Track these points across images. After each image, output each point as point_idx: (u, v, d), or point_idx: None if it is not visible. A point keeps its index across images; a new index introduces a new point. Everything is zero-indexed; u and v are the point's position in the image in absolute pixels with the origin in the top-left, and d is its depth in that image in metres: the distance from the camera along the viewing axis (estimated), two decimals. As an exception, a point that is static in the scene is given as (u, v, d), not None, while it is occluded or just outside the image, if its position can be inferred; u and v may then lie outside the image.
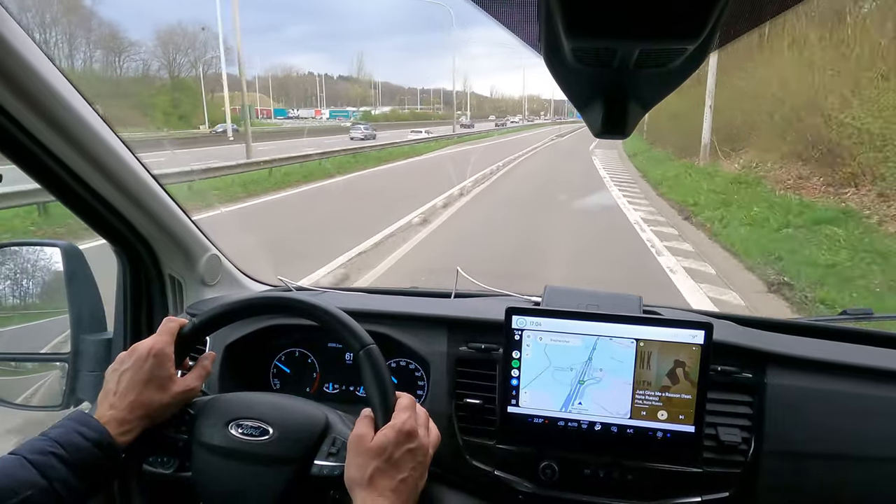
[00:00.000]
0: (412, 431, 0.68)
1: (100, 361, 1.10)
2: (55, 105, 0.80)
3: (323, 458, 0.75)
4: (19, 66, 0.74)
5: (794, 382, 0.94)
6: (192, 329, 0.81)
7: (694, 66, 0.40)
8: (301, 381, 1.18)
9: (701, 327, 0.87)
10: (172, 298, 1.20)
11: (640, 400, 0.90)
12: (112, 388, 0.74)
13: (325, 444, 0.76)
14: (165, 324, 0.80)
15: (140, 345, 0.77)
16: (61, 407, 1.10)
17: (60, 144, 0.85)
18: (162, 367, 0.76)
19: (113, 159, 0.93)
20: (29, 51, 0.74)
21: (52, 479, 0.63)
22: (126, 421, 0.72)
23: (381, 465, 0.65)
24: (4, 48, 0.72)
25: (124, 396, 0.73)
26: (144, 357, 0.75)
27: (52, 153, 0.86)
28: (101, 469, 0.68)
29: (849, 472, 0.91)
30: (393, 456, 0.66)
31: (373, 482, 0.65)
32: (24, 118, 0.79)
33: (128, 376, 0.74)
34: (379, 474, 0.65)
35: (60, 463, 0.64)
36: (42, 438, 0.66)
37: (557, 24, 0.33)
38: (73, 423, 0.68)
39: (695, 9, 0.32)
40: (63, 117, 0.82)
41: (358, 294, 1.30)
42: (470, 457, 0.99)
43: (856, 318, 1.18)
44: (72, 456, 0.65)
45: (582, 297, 1.05)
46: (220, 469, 0.75)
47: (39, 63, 0.76)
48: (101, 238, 1.08)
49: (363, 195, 11.94)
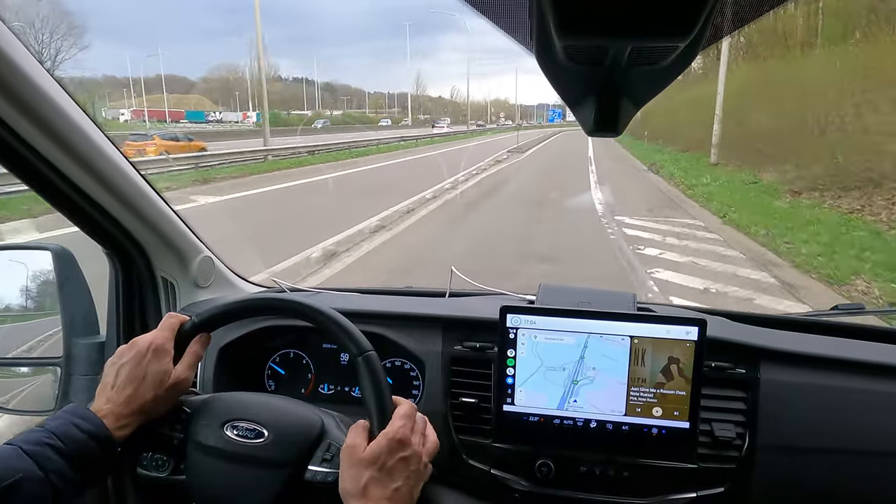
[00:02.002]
0: (404, 440, 0.68)
1: (92, 365, 1.09)
2: (44, 107, 0.80)
3: (317, 464, 0.74)
4: (6, 67, 0.73)
5: (788, 378, 0.95)
6: (192, 326, 0.81)
7: (685, 64, 0.40)
8: (296, 382, 1.18)
9: (695, 324, 0.88)
10: (165, 301, 1.19)
11: (634, 397, 0.90)
12: (110, 381, 0.74)
13: (320, 449, 0.76)
14: (167, 319, 0.80)
15: (140, 339, 0.77)
16: (54, 411, 1.09)
17: (49, 146, 0.84)
18: (161, 362, 0.75)
19: (103, 161, 0.92)
20: (15, 51, 0.74)
21: (48, 469, 0.62)
22: (123, 416, 0.72)
23: (374, 474, 0.65)
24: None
25: (122, 390, 0.73)
26: (144, 352, 0.75)
27: (41, 155, 0.85)
28: (96, 462, 0.68)
29: (842, 466, 0.91)
30: (386, 465, 0.66)
31: (367, 492, 0.64)
32: (13, 120, 0.78)
33: (126, 370, 0.74)
34: (373, 484, 0.65)
35: (56, 454, 0.64)
36: (38, 429, 0.66)
37: (549, 22, 0.33)
38: (69, 416, 0.68)
39: (685, 6, 0.32)
40: (52, 119, 0.82)
41: (352, 294, 1.30)
42: (466, 456, 0.99)
43: (848, 312, 1.19)
44: (68, 447, 0.65)
45: (576, 294, 1.06)
46: (214, 470, 0.75)
47: (27, 64, 0.75)
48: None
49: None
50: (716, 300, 4.81)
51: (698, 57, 0.42)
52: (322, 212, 9.49)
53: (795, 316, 1.20)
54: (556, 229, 8.06)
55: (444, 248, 6.73)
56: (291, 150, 19.29)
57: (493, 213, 9.41)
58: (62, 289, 1.07)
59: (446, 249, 6.58)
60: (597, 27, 0.33)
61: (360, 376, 0.73)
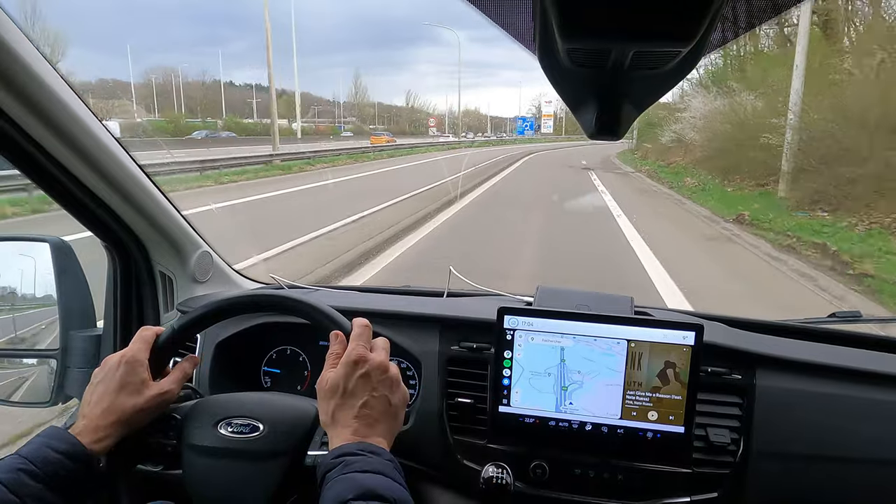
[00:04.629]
0: (359, 359, 0.70)
1: (89, 358, 1.09)
2: (45, 99, 0.79)
3: (317, 448, 0.75)
4: (8, 60, 0.73)
5: (783, 384, 0.95)
6: (167, 338, 0.80)
7: (688, 69, 0.40)
8: (292, 380, 1.17)
9: (691, 328, 0.88)
10: (163, 295, 1.19)
11: (630, 400, 0.91)
12: (87, 400, 0.74)
13: (318, 434, 0.77)
14: (140, 332, 0.80)
15: (111, 357, 0.77)
16: (49, 403, 1.09)
17: (49, 139, 0.84)
18: (134, 372, 0.75)
19: (103, 154, 0.92)
20: (18, 44, 0.73)
21: (24, 495, 0.61)
22: (99, 428, 0.71)
23: (338, 401, 0.69)
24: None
25: (97, 405, 0.73)
26: (115, 366, 0.75)
27: (42, 147, 0.85)
28: (77, 480, 0.67)
29: (836, 473, 0.92)
30: (347, 388, 0.69)
31: (335, 419, 0.69)
32: (13, 112, 0.78)
33: (101, 387, 0.74)
34: (338, 409, 0.69)
35: (31, 479, 0.63)
36: (11, 456, 0.66)
37: (552, 24, 0.33)
38: (43, 439, 0.68)
39: (689, 11, 0.32)
40: (53, 112, 0.81)
41: (350, 292, 1.30)
42: (461, 456, 0.99)
43: (844, 320, 1.20)
44: (42, 470, 0.64)
45: (574, 297, 1.06)
46: (213, 470, 0.75)
47: (29, 56, 0.75)
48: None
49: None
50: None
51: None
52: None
53: (792, 323, 1.20)
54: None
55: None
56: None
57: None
58: (60, 281, 1.07)
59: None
60: (599, 31, 0.33)
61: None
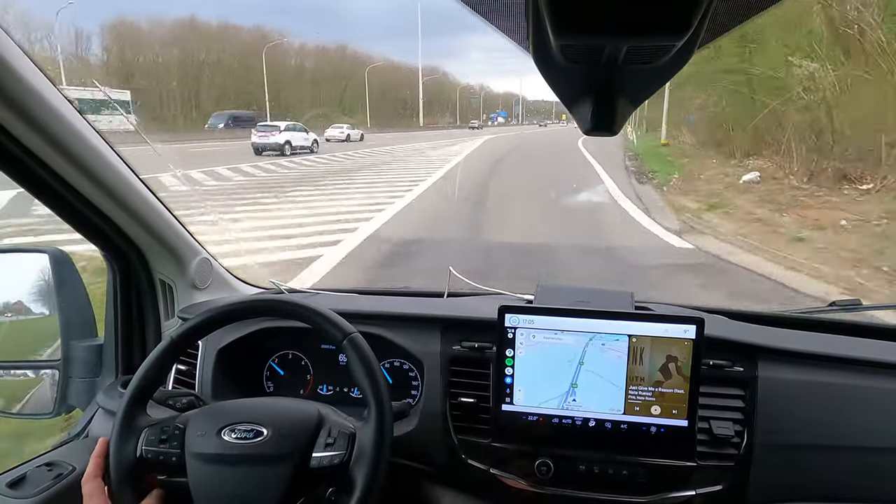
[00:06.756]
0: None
1: (91, 368, 1.09)
2: (42, 110, 0.79)
3: (321, 450, 0.75)
4: (3, 71, 0.73)
5: (785, 375, 0.95)
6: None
7: (682, 62, 0.40)
8: (295, 384, 1.17)
9: (692, 322, 0.88)
10: (163, 303, 1.19)
11: (633, 396, 0.91)
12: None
13: (321, 436, 0.77)
14: (97, 447, 0.79)
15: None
16: (53, 414, 1.09)
17: (47, 150, 0.84)
18: (89, 500, 0.74)
19: (100, 163, 0.92)
20: (11, 54, 0.73)
21: None
22: None
23: None
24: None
25: None
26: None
27: (39, 158, 0.85)
28: None
29: (840, 462, 0.92)
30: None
31: None
32: (10, 123, 0.78)
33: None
34: None
35: None
36: None
37: (545, 21, 0.33)
38: None
39: (682, 4, 0.32)
40: (50, 123, 0.81)
41: (350, 295, 1.30)
42: (465, 455, 0.99)
43: (844, 308, 1.20)
44: None
45: (574, 294, 1.06)
46: (218, 476, 0.74)
47: (23, 66, 0.75)
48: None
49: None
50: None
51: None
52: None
53: (793, 313, 1.20)
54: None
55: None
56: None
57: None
58: (60, 291, 1.07)
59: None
60: (592, 26, 0.33)
61: (350, 360, 0.75)
